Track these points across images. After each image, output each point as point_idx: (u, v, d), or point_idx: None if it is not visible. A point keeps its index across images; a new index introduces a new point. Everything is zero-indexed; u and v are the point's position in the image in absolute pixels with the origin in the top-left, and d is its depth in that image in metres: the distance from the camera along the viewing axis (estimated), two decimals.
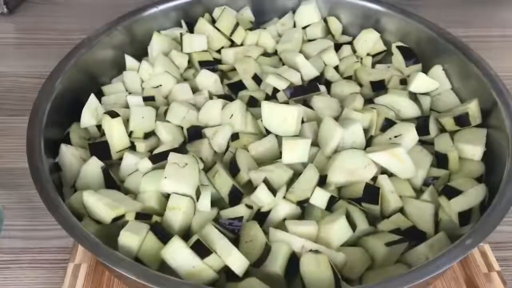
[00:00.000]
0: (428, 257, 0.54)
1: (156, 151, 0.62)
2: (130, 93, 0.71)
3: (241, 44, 0.80)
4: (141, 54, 0.77)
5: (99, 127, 0.67)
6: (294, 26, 0.83)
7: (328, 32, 0.82)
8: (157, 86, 0.71)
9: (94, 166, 0.60)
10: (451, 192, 0.59)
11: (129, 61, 0.75)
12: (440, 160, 0.63)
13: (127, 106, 0.68)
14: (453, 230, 0.57)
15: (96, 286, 0.60)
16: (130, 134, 0.63)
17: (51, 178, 0.56)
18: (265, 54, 0.79)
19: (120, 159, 0.62)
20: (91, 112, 0.66)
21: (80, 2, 1.05)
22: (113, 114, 0.62)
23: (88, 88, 0.70)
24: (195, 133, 0.65)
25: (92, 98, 0.67)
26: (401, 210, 0.59)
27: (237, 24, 0.79)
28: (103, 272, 0.61)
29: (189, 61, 0.76)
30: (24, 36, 0.97)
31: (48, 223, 0.66)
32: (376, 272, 0.54)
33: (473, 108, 0.66)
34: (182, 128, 0.66)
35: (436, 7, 0.85)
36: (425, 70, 0.74)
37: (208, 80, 0.71)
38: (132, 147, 0.64)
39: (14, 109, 0.82)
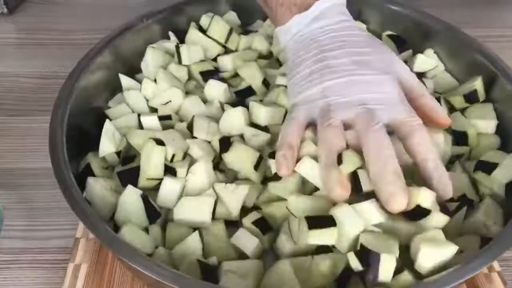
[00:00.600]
0: (486, 224, 0.56)
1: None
2: (139, 114, 0.68)
3: (236, 50, 0.79)
4: (130, 71, 0.74)
5: (117, 153, 0.64)
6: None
7: None
8: (167, 103, 0.69)
9: (132, 196, 0.57)
10: (487, 167, 0.61)
11: (125, 80, 0.72)
12: (459, 138, 0.66)
13: (140, 127, 0.67)
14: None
15: (96, 287, 0.60)
16: (172, 159, 0.61)
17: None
18: (261, 57, 0.78)
19: (149, 187, 0.60)
20: (109, 139, 0.63)
21: (80, 2, 1.04)
22: (159, 141, 0.60)
23: (88, 116, 0.67)
24: (227, 143, 0.63)
25: (108, 124, 0.63)
26: None
27: (231, 30, 0.77)
28: (103, 272, 0.61)
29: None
30: (24, 36, 0.97)
31: (48, 223, 0.66)
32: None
33: (479, 85, 0.69)
34: (208, 142, 0.65)
35: (435, 7, 0.85)
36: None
37: (217, 90, 0.70)
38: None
39: (14, 109, 0.82)
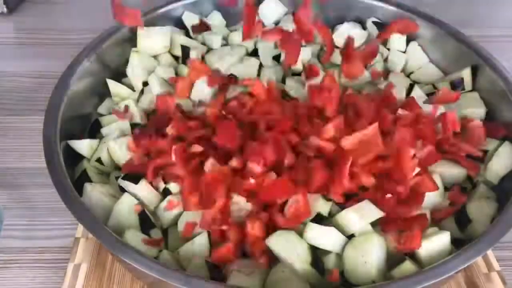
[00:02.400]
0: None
1: None
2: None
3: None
4: (114, 76, 0.74)
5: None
6: (264, 24, 0.82)
7: None
8: None
9: (127, 205, 0.57)
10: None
11: (112, 85, 0.72)
12: None
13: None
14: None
15: (96, 286, 0.60)
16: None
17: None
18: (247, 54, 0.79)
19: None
20: (105, 145, 0.63)
21: (80, 2, 1.05)
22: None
23: (79, 124, 0.68)
24: None
25: (104, 130, 0.66)
26: None
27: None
28: (103, 272, 0.61)
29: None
30: (24, 36, 0.98)
31: (48, 223, 0.67)
32: None
33: (466, 74, 0.71)
34: None
35: (434, 7, 0.85)
36: None
37: (205, 90, 0.70)
38: None
39: (14, 109, 0.82)
